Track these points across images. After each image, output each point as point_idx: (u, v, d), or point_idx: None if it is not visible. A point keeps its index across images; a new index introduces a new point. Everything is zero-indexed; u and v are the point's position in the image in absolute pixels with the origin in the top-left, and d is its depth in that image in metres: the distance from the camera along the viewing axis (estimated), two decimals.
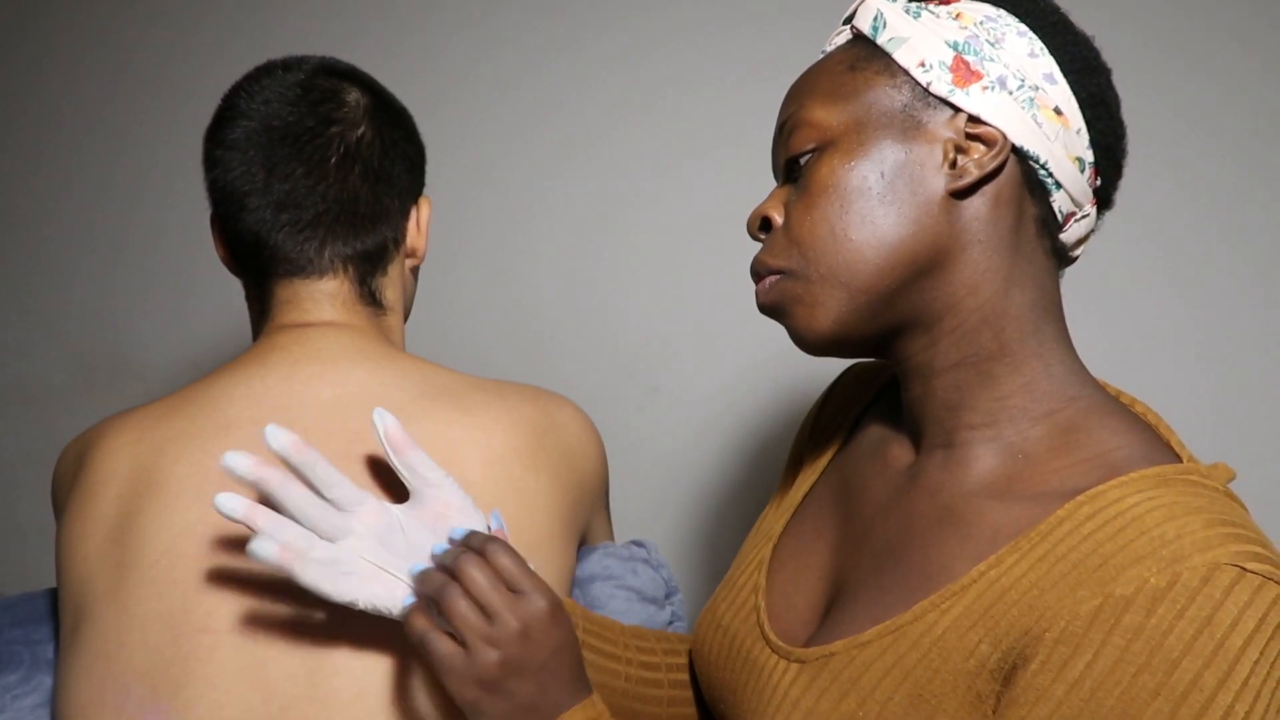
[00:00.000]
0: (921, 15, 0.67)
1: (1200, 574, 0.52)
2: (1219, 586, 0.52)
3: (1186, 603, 0.52)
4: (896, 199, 0.65)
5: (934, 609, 0.61)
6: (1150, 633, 0.52)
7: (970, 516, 0.64)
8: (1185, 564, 0.52)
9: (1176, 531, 0.54)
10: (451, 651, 0.62)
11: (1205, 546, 0.53)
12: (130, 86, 1.60)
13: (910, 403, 0.70)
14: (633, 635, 0.82)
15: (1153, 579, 0.53)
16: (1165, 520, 0.55)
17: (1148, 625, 0.52)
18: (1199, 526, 0.54)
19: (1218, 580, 0.52)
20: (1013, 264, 0.65)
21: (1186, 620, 0.51)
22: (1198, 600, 0.52)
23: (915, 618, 0.62)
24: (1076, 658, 0.54)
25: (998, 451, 0.66)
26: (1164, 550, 0.53)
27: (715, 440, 1.37)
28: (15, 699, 0.83)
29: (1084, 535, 0.57)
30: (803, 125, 0.68)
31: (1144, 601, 0.52)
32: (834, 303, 0.66)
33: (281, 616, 0.72)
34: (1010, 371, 0.66)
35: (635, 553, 0.94)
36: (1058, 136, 0.65)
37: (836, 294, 0.66)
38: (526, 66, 1.41)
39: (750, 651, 0.72)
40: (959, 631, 0.59)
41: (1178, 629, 0.51)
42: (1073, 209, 0.68)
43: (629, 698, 0.78)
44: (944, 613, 0.60)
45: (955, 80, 0.65)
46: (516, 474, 0.79)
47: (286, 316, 0.84)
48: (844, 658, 0.64)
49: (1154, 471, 0.59)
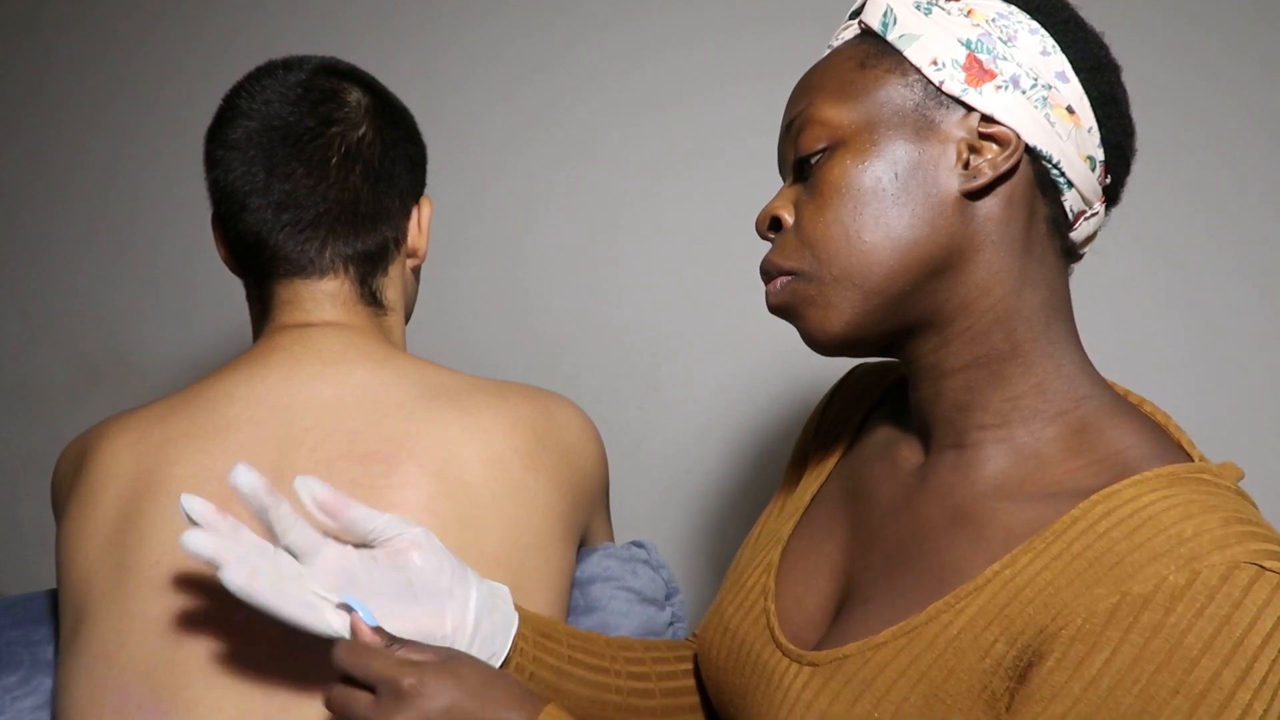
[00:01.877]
0: (932, 12, 0.66)
1: (1219, 572, 0.52)
2: (1238, 585, 0.52)
3: (1206, 601, 0.52)
4: (910, 200, 0.64)
5: (948, 609, 0.61)
6: (1169, 631, 0.52)
7: (982, 517, 0.63)
8: (1203, 562, 0.52)
9: (1194, 530, 0.54)
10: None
11: (1223, 544, 0.53)
12: (132, 87, 1.60)
13: (920, 403, 0.70)
14: (619, 647, 0.81)
15: (1171, 577, 0.52)
16: (1182, 519, 0.55)
17: (1167, 623, 0.52)
18: (1216, 525, 0.54)
19: (1236, 579, 0.52)
20: (1025, 264, 0.65)
21: (1205, 619, 0.51)
22: (1217, 599, 0.52)
23: (930, 618, 0.61)
24: (1094, 655, 0.53)
25: (1009, 452, 0.66)
26: (1182, 548, 0.53)
27: (716, 440, 1.37)
28: (15, 700, 0.82)
29: (1099, 534, 0.57)
30: (812, 124, 0.67)
31: (1163, 599, 0.52)
32: (847, 304, 0.65)
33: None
34: (1022, 372, 0.65)
35: (635, 553, 0.93)
36: (1070, 136, 0.64)
37: (850, 296, 0.65)
38: (532, 68, 1.41)
39: (760, 655, 0.72)
40: (974, 631, 0.59)
41: (1197, 627, 0.51)
42: (1083, 207, 0.67)
43: (623, 710, 0.78)
44: (959, 613, 0.60)
45: (968, 79, 0.64)
46: (516, 474, 0.79)
47: (287, 316, 0.84)
48: (858, 660, 0.63)
49: (1167, 471, 0.59)
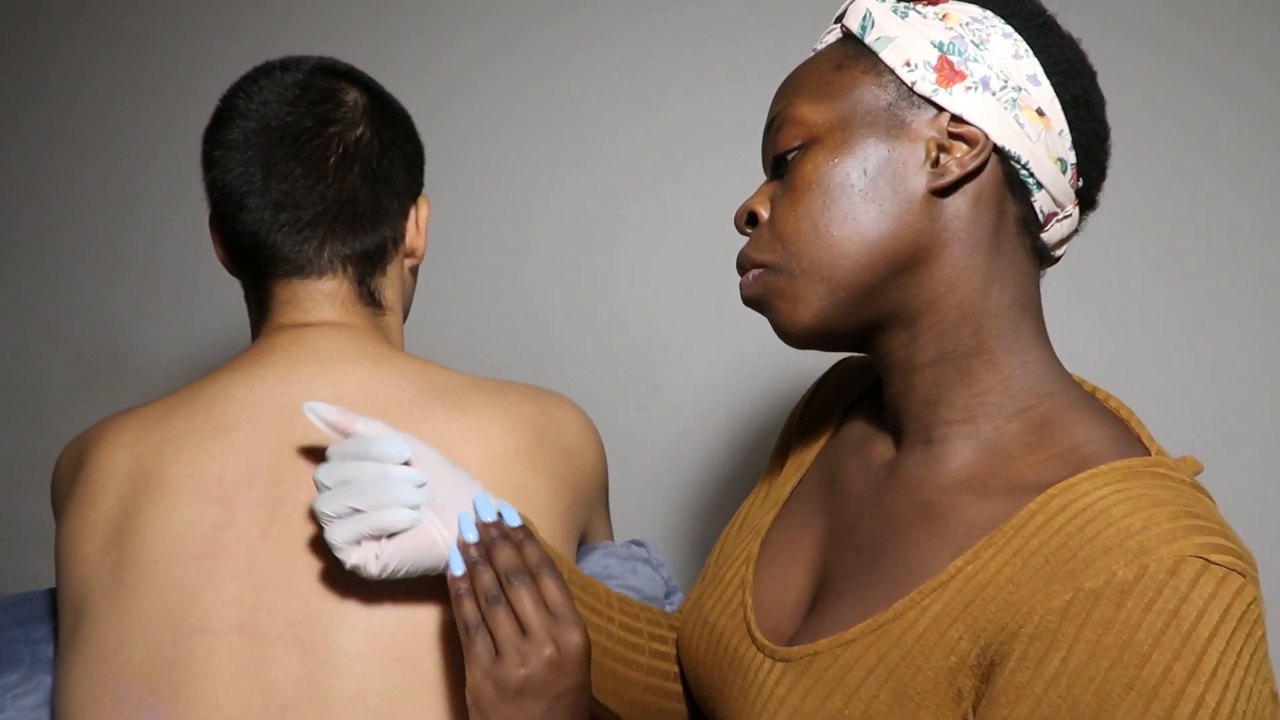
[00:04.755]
0: (909, 15, 0.68)
1: (1166, 566, 0.53)
2: (1184, 578, 0.53)
3: (1154, 595, 0.53)
4: (879, 196, 0.66)
5: (914, 606, 0.62)
6: (1120, 626, 0.53)
7: (948, 511, 0.65)
8: (1151, 556, 0.54)
9: (1143, 524, 0.55)
10: (485, 649, 0.64)
11: (1170, 539, 0.54)
12: (132, 88, 1.60)
13: (891, 398, 0.72)
14: (618, 599, 0.83)
15: (1120, 571, 0.54)
16: (1131, 512, 0.56)
17: (1118, 619, 0.53)
18: (1164, 519, 0.55)
19: (1183, 572, 0.53)
20: (993, 262, 0.66)
21: (1154, 613, 0.53)
22: (1164, 593, 0.53)
23: (897, 615, 0.62)
24: (1052, 653, 0.55)
25: (974, 447, 0.67)
26: (1130, 542, 0.55)
27: (716, 441, 1.37)
28: (15, 698, 0.83)
29: (1055, 529, 0.58)
30: (790, 122, 0.69)
31: (1113, 594, 0.54)
32: (815, 297, 0.67)
33: (281, 616, 0.72)
34: (988, 368, 0.67)
35: (635, 552, 0.94)
36: (1039, 137, 0.66)
37: (818, 288, 0.67)
38: (531, 69, 1.42)
39: (737, 650, 0.73)
40: (939, 629, 0.60)
41: (1146, 622, 0.53)
42: (1054, 209, 0.68)
43: (612, 657, 0.79)
44: (924, 610, 0.61)
45: (939, 80, 0.65)
46: (516, 473, 0.79)
47: (285, 316, 0.84)
48: (828, 656, 0.65)
49: (1122, 464, 0.60)
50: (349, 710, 0.70)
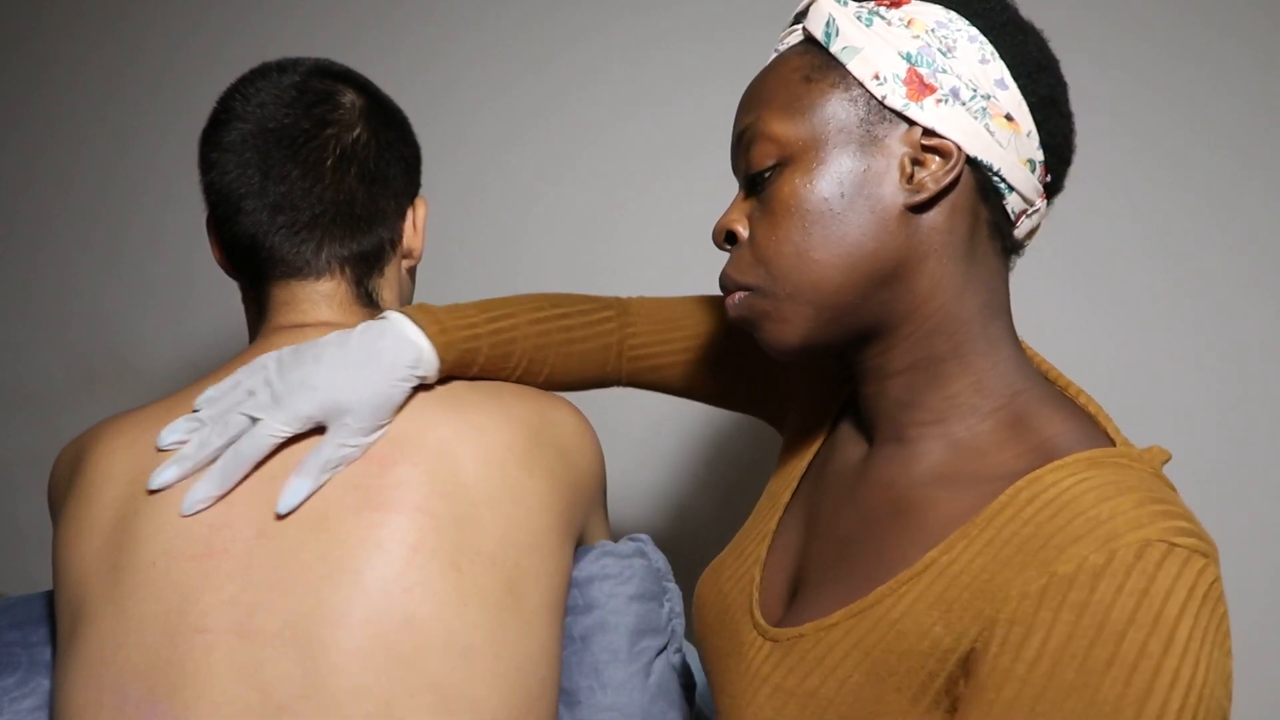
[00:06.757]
0: (874, 23, 0.67)
1: (1134, 550, 0.55)
2: (1151, 561, 0.55)
3: (1124, 577, 0.55)
4: (857, 216, 0.66)
5: (891, 594, 0.64)
6: (1095, 607, 0.55)
7: (922, 504, 0.67)
8: (1120, 541, 0.56)
9: (1110, 511, 0.57)
10: None
11: (1137, 525, 0.56)
12: (130, 88, 1.60)
13: (864, 399, 0.73)
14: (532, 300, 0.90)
15: (1091, 557, 0.56)
16: (1099, 501, 0.58)
17: (1092, 600, 0.55)
18: (1130, 506, 0.57)
19: (1149, 555, 0.55)
20: (968, 269, 0.68)
21: (1126, 593, 0.55)
22: (1134, 575, 0.55)
23: (875, 601, 0.65)
24: (1032, 635, 0.57)
25: (946, 446, 0.69)
26: (1099, 529, 0.57)
27: (715, 441, 1.38)
28: (13, 701, 0.83)
29: (1025, 519, 0.60)
30: (761, 139, 0.69)
31: (1086, 578, 0.56)
32: (800, 319, 0.68)
33: (278, 616, 0.72)
34: (960, 371, 0.68)
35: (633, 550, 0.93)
36: (1010, 143, 0.66)
37: (803, 310, 0.68)
38: (526, 67, 1.42)
39: (738, 625, 0.76)
40: (915, 615, 0.62)
41: (1119, 602, 0.55)
42: (1024, 207, 0.69)
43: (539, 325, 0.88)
44: (901, 597, 0.64)
45: (909, 94, 0.66)
46: (512, 473, 0.79)
47: (283, 318, 0.84)
48: (812, 639, 0.67)
49: (1086, 455, 0.62)
50: (347, 709, 0.70)
